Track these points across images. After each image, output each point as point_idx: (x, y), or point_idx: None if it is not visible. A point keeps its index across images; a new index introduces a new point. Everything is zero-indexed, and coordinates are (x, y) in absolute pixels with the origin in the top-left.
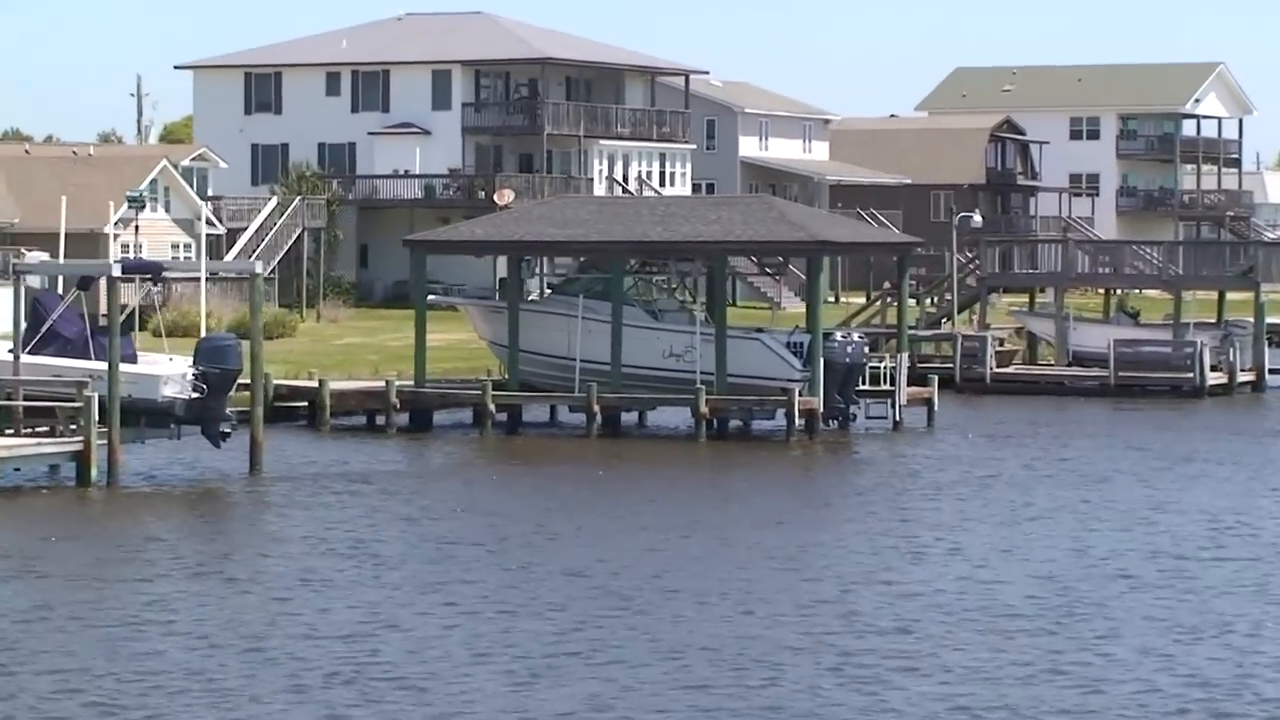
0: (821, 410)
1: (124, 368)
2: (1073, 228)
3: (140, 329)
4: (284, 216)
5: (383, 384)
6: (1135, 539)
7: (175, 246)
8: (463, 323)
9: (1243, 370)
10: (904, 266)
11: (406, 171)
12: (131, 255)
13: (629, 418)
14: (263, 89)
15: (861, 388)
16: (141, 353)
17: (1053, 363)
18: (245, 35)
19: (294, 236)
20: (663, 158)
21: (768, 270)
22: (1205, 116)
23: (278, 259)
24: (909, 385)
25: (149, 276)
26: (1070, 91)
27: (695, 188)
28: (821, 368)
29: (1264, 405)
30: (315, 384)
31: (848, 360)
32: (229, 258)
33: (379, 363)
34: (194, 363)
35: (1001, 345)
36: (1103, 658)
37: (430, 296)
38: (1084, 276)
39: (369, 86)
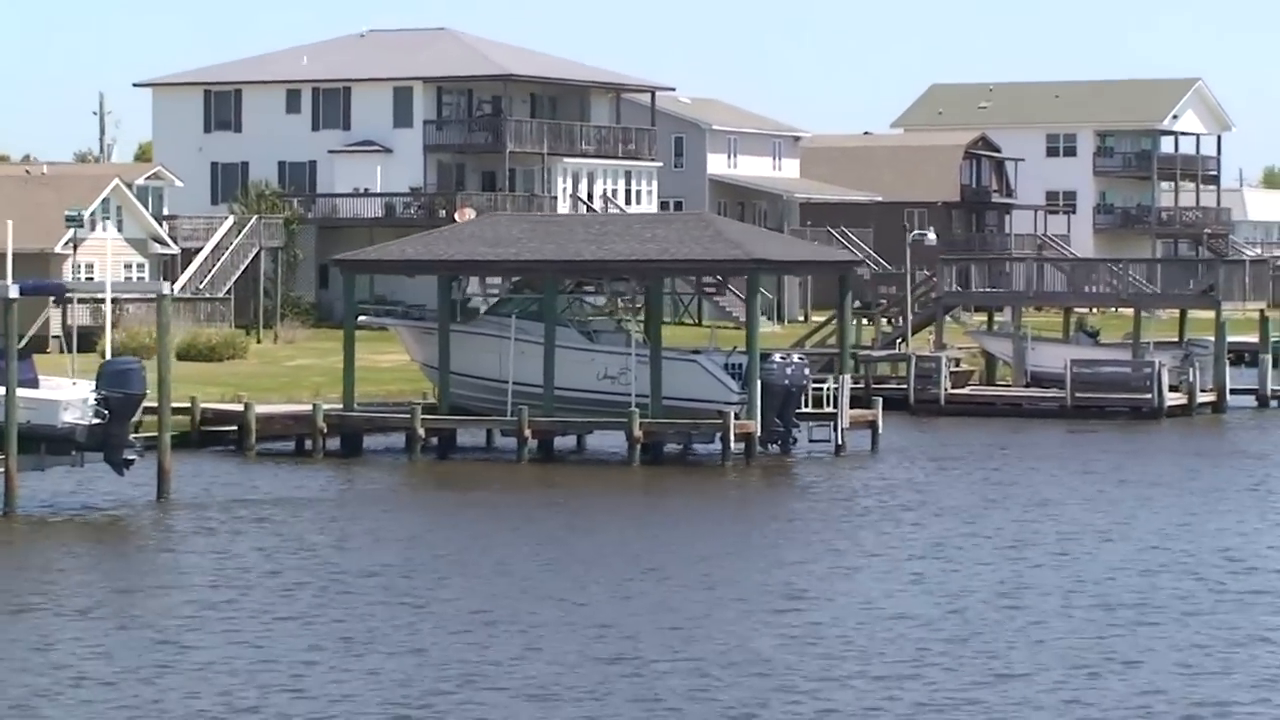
0: (759, 434)
1: (22, 392)
2: (1048, 245)
3: (88, 350)
4: (240, 236)
5: (310, 408)
6: (1060, 569)
7: (128, 266)
8: None
9: (1203, 391)
10: (845, 285)
11: (366, 190)
12: (80, 277)
13: (566, 442)
14: (222, 107)
15: (805, 410)
16: (44, 376)
17: (1011, 384)
18: (208, 52)
19: (250, 256)
20: (628, 175)
21: (706, 290)
22: (1183, 133)
23: (233, 279)
24: (857, 407)
25: (51, 297)
26: (1047, 108)
27: (663, 205)
28: (759, 390)
29: (1224, 426)
30: (241, 408)
31: (787, 382)
32: (184, 278)
33: (324, 385)
34: (96, 387)
35: (957, 366)
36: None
37: (361, 318)
38: (1042, 295)
39: (330, 104)
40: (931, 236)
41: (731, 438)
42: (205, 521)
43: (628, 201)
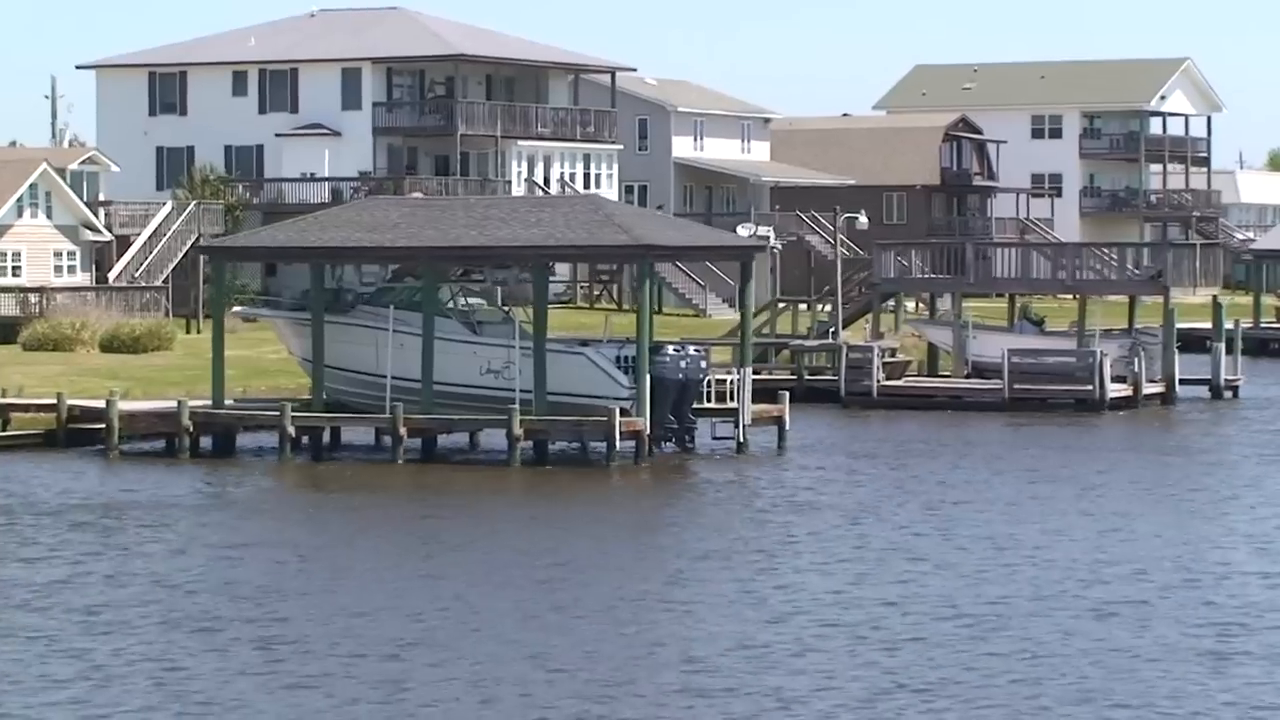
0: (649, 432)
1: None
2: (1031, 229)
3: (9, 341)
4: (178, 222)
5: (174, 404)
6: (911, 584)
7: (58, 254)
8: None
9: (1151, 381)
10: (747, 271)
11: (313, 174)
12: (7, 266)
13: (458, 440)
14: (167, 89)
15: (706, 406)
16: None
17: (951, 374)
18: (155, 33)
19: (189, 243)
20: (587, 159)
21: (601, 277)
22: (1172, 114)
23: (170, 267)
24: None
25: None
26: (1033, 89)
27: (627, 190)
28: (648, 384)
29: (1170, 419)
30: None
31: (682, 376)
32: (119, 266)
33: (241, 378)
34: None
35: (893, 356)
36: None
37: (236, 309)
38: (982, 281)
39: (277, 86)
40: (864, 220)
41: (617, 436)
42: (21, 529)
43: (587, 186)
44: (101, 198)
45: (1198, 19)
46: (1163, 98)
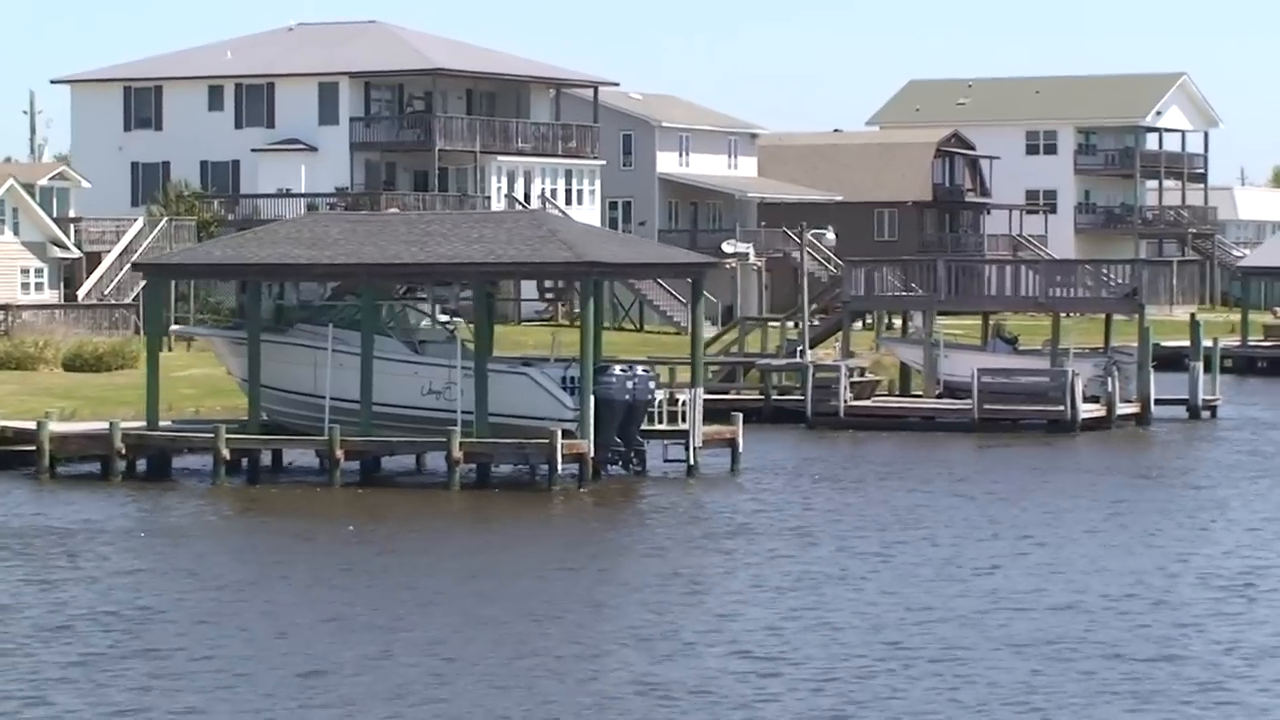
0: (594, 454)
1: None
2: (1024, 246)
3: None
4: (149, 239)
5: (106, 426)
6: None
7: (25, 271)
8: None
9: (1126, 401)
10: (698, 289)
11: (288, 190)
12: None
13: (405, 462)
14: (142, 104)
15: (659, 428)
16: None
17: (923, 394)
18: (134, 46)
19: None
20: (569, 174)
21: (548, 295)
22: (1168, 130)
23: (142, 285)
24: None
25: None
26: (1027, 104)
27: (611, 205)
28: (592, 405)
29: (1143, 440)
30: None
31: (629, 397)
32: (89, 283)
33: (199, 398)
34: None
35: (861, 375)
36: None
37: (174, 327)
38: (955, 299)
39: (253, 101)
40: (831, 235)
41: (559, 459)
42: None
43: (568, 202)
44: (72, 214)
45: (1194, 34)
46: (1159, 113)
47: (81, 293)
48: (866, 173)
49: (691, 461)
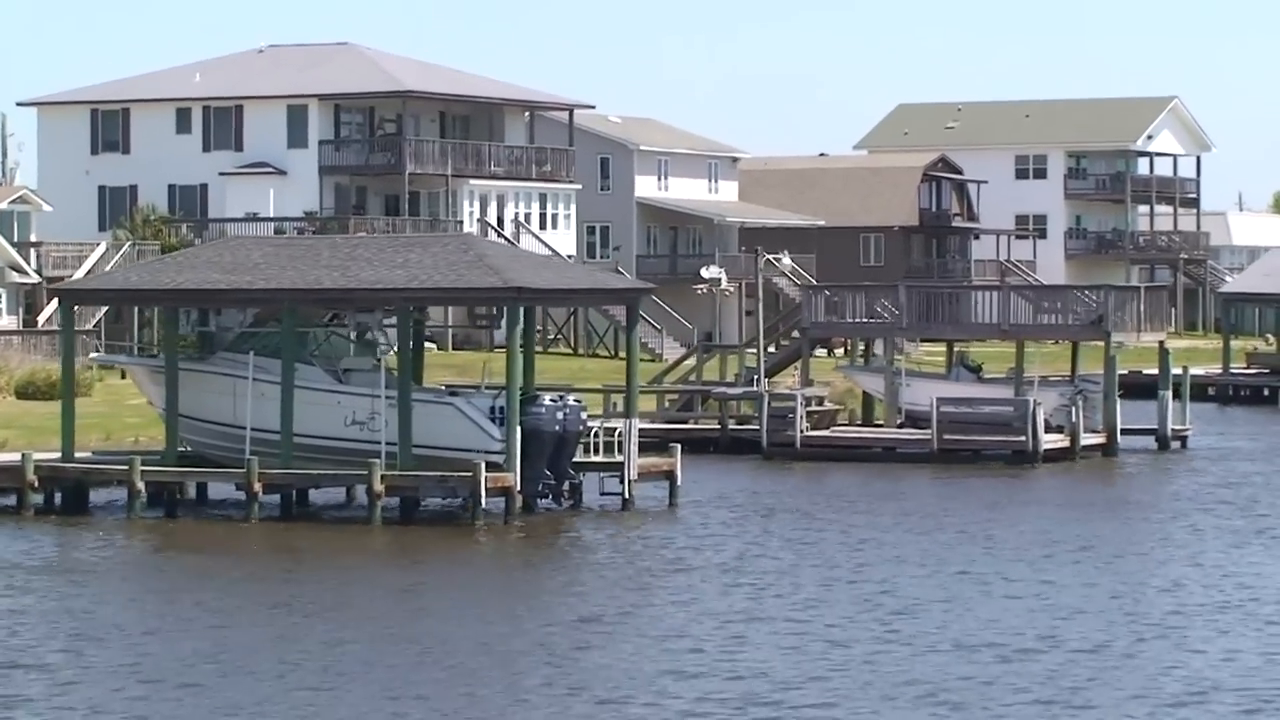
0: (523, 487)
1: None
2: (1012, 272)
3: None
4: (112, 264)
5: (18, 458)
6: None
7: None
8: None
9: (1092, 432)
10: (634, 315)
11: (256, 214)
12: None
13: (334, 495)
14: (109, 127)
15: (595, 460)
16: None
17: (884, 423)
18: (101, 69)
19: None
20: (543, 198)
21: (480, 322)
22: (1159, 154)
23: (103, 310)
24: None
25: None
26: (1017, 128)
27: (589, 230)
28: (518, 437)
29: (1107, 472)
30: None
31: (559, 428)
32: (49, 309)
33: (141, 427)
34: None
35: (820, 404)
36: None
37: (93, 354)
38: (916, 326)
39: (221, 123)
40: (787, 260)
41: (483, 492)
42: None
43: (543, 226)
44: (33, 238)
45: (1186, 58)
46: (1150, 137)
47: (41, 318)
48: (852, 197)
49: (626, 495)
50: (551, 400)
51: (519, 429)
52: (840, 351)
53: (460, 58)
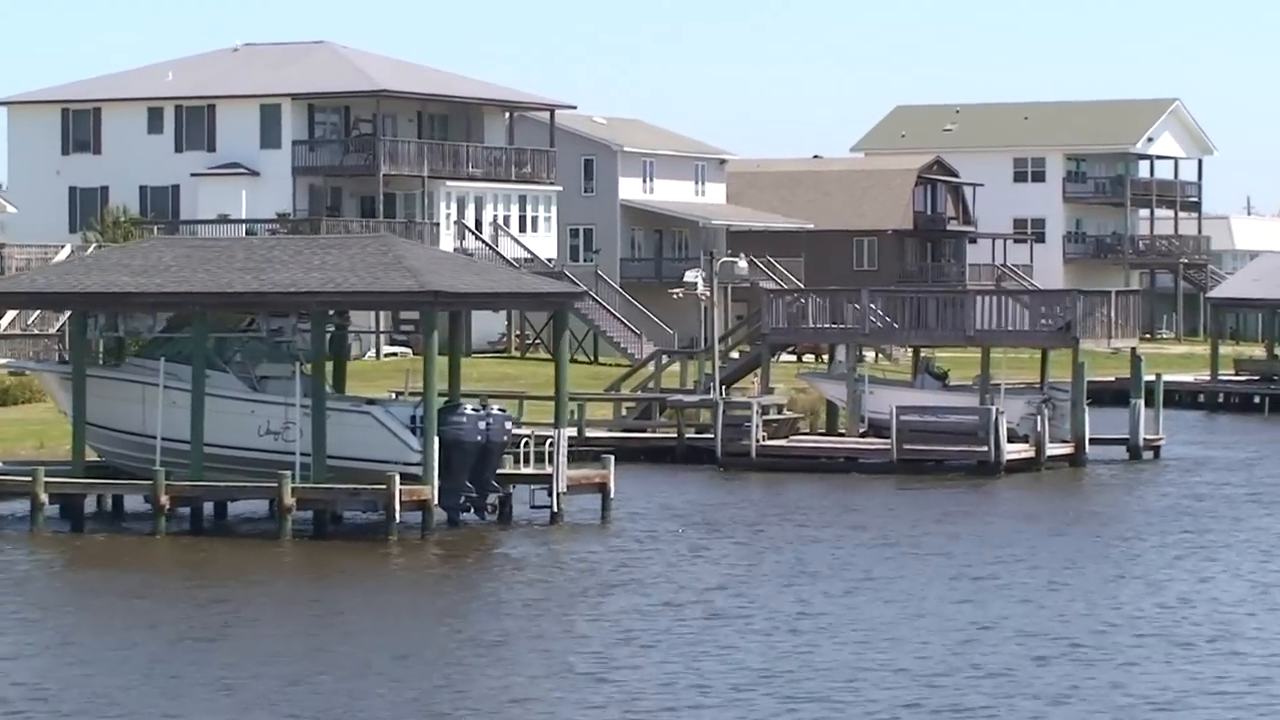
0: (444, 501)
1: None
2: (1009, 276)
3: None
4: None
5: None
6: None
7: None
8: None
9: (1060, 441)
10: (561, 321)
11: (226, 216)
12: None
13: (257, 507)
14: (80, 127)
15: (525, 472)
16: None
17: (846, 432)
18: (74, 68)
19: None
20: (523, 200)
21: (404, 330)
22: (1160, 157)
23: (66, 314)
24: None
25: None
26: (1015, 130)
27: (572, 233)
28: (436, 448)
29: (1073, 483)
30: None
31: (482, 439)
32: (11, 313)
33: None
34: None
35: (779, 413)
36: None
37: (1, 361)
38: (878, 333)
39: (193, 123)
40: (743, 264)
41: (397, 506)
42: None
43: (522, 229)
44: (0, 240)
45: (1187, 59)
46: (1150, 140)
47: (3, 323)
48: (846, 200)
49: (555, 508)
50: (474, 409)
51: (439, 440)
52: (826, 357)
53: (446, 59)
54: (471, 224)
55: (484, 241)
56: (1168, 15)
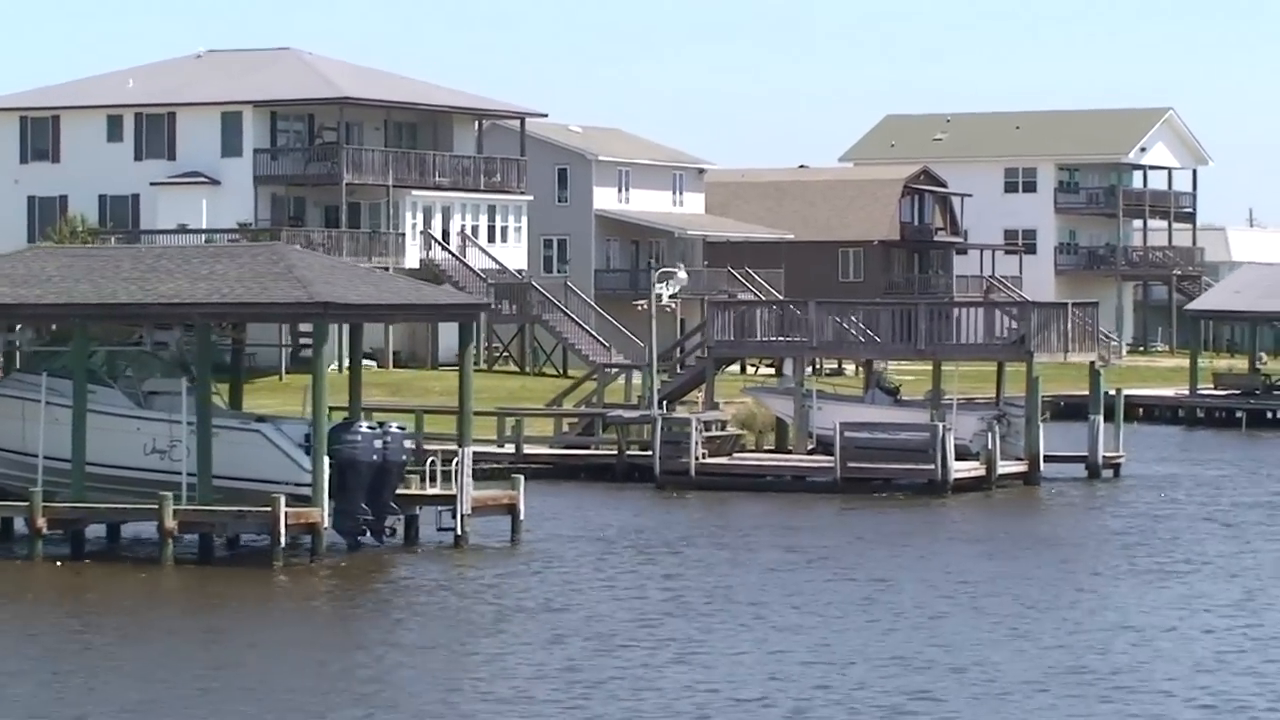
0: (336, 523)
1: None
2: (997, 288)
3: None
4: None
5: None
6: None
7: None
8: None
9: (1011, 459)
10: (466, 335)
11: (184, 226)
12: None
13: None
14: (39, 135)
15: (430, 493)
16: None
17: (794, 449)
18: (35, 75)
19: None
20: (492, 210)
21: (301, 339)
22: (1154, 167)
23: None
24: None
25: None
26: (1006, 140)
27: (546, 243)
28: (325, 468)
29: (1025, 503)
30: None
31: (378, 458)
32: None
33: None
34: None
35: (721, 429)
36: None
37: None
38: (826, 345)
39: (153, 131)
40: (683, 274)
41: (283, 529)
42: None
43: (492, 239)
44: None
45: (1181, 68)
46: (1143, 150)
47: None
48: (832, 210)
49: (459, 531)
50: (369, 428)
51: (334, 460)
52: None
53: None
54: (438, 234)
55: (450, 252)
56: (1161, 24)
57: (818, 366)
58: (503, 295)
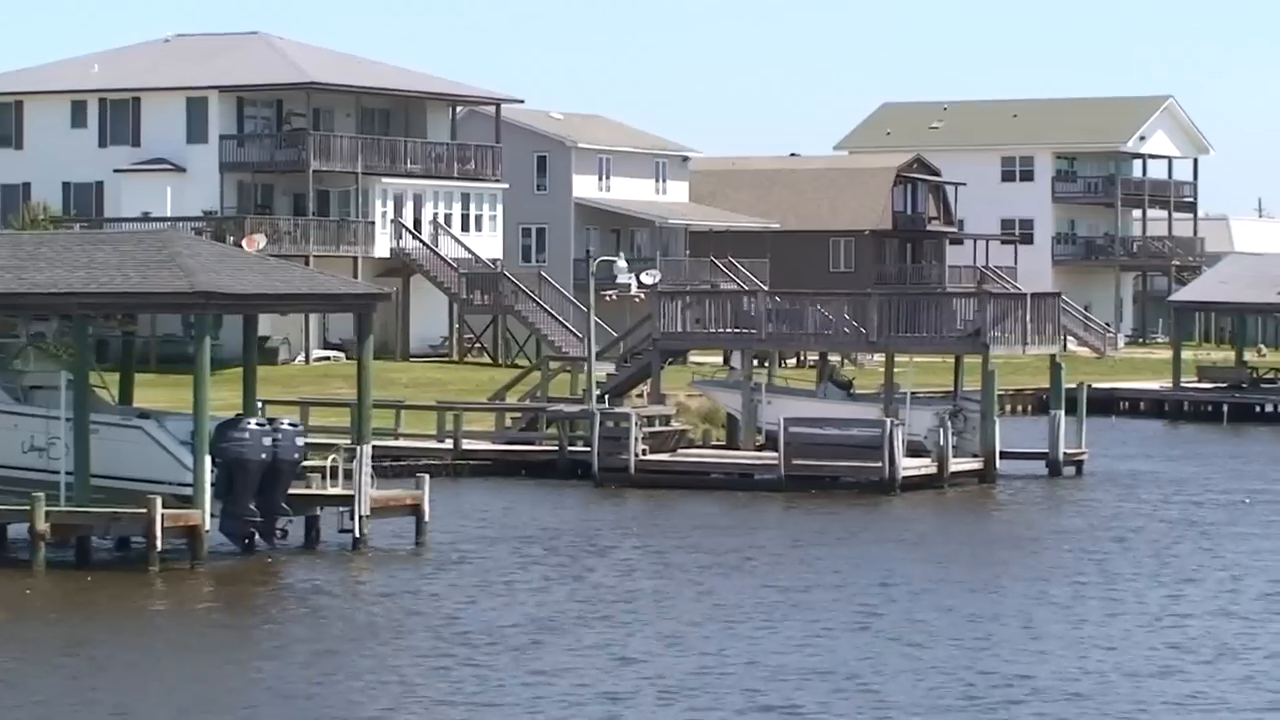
0: (220, 526)
1: None
2: (991, 279)
3: None
4: None
5: None
6: None
7: None
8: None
9: (967, 456)
10: (364, 326)
11: (149, 214)
12: None
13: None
14: (2, 121)
15: (327, 493)
16: None
17: (742, 445)
18: (8, 58)
19: None
20: (465, 198)
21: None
22: (1153, 156)
23: None
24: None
25: None
26: (1003, 129)
27: (524, 232)
28: (207, 466)
29: (978, 502)
30: None
31: (267, 456)
32: None
33: None
34: None
35: (666, 424)
36: None
37: None
38: (776, 338)
39: (118, 117)
40: (622, 263)
41: (159, 532)
42: None
43: (465, 228)
44: None
45: (1182, 55)
46: (1142, 138)
47: None
48: (822, 199)
49: (358, 533)
50: (258, 424)
51: (220, 458)
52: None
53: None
54: (410, 223)
55: (422, 241)
56: (1161, 11)
57: (800, 360)
58: (475, 285)
